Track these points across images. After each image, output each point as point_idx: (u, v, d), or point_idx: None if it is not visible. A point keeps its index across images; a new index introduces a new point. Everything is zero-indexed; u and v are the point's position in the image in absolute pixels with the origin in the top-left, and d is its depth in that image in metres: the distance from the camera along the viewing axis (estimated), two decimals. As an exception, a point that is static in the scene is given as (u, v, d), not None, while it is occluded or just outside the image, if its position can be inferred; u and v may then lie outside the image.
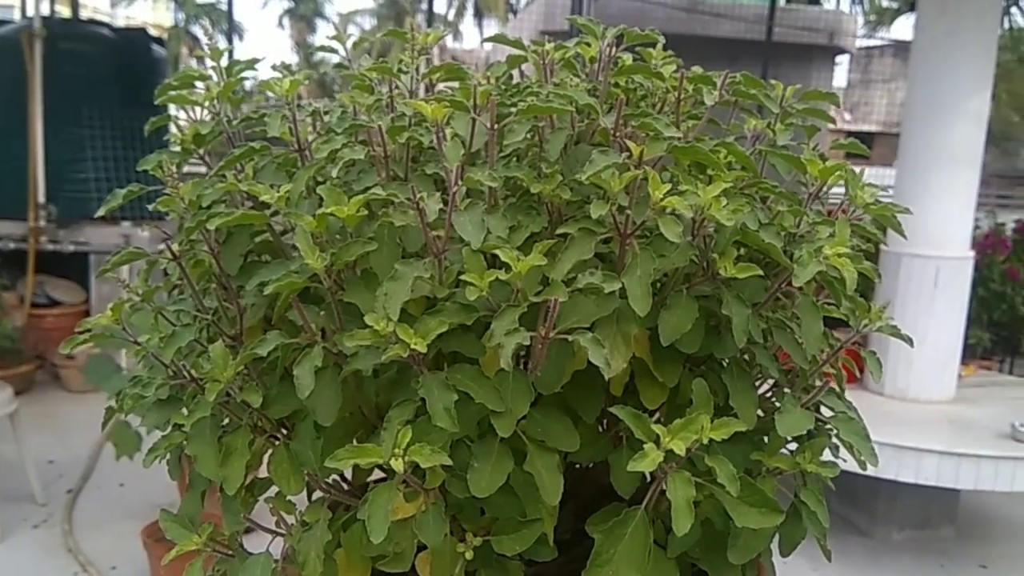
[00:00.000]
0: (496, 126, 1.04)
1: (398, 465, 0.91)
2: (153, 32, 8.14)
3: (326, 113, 1.19)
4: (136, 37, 7.31)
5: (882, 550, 4.18)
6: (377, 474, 1.22)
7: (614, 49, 1.14)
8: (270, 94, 1.19)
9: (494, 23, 32.64)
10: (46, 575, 3.65)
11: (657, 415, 1.13)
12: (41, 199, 6.13)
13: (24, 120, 6.05)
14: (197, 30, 31.73)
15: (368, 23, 34.39)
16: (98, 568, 3.68)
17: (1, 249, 6.13)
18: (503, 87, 1.23)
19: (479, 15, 33.62)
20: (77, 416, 5.51)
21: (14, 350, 5.58)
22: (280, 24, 39.67)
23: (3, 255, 6.04)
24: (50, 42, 6.13)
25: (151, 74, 7.01)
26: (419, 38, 1.16)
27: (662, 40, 1.20)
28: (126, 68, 6.68)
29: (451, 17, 32.40)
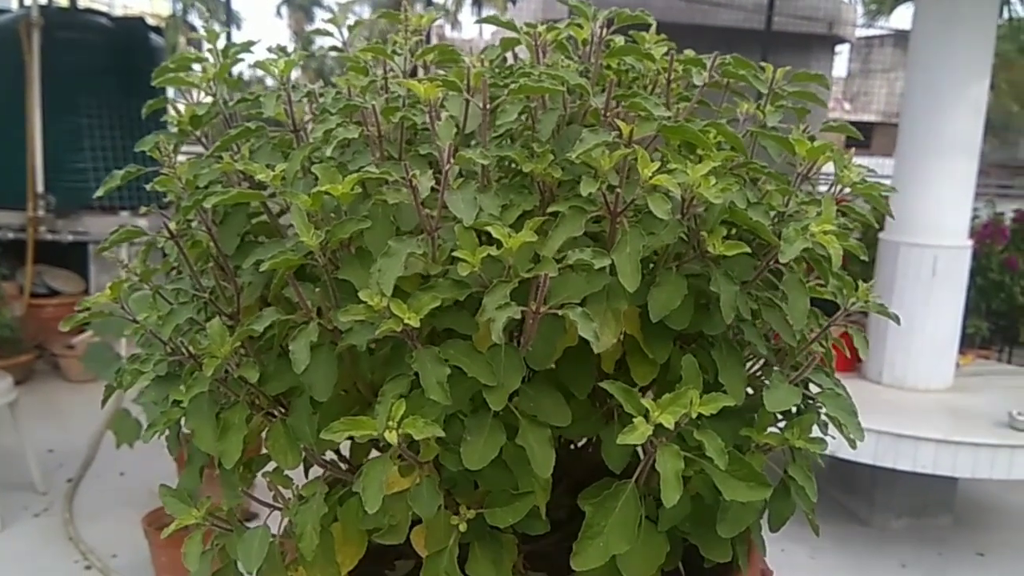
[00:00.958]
0: (489, 107, 1.05)
1: (392, 437, 0.93)
2: (151, 21, 8.12)
3: (321, 95, 1.21)
4: (134, 26, 7.30)
5: (880, 538, 4.20)
6: (375, 454, 1.24)
7: (606, 31, 1.15)
8: (269, 82, 1.20)
9: (493, 12, 32.57)
10: (47, 563, 3.66)
11: (648, 392, 1.15)
12: (40, 189, 6.14)
13: (22, 110, 6.06)
14: (194, 19, 31.64)
15: (367, 12, 34.34)
16: (99, 556, 3.70)
17: (0, 239, 6.14)
18: (496, 70, 1.25)
19: (478, 4, 33.54)
20: (77, 405, 5.53)
21: (13, 339, 5.60)
22: (278, 13, 39.64)
23: (2, 245, 6.06)
24: (48, 31, 6.13)
25: (149, 63, 6.93)
26: (412, 20, 1.17)
27: (654, 23, 1.22)
28: (124, 57, 6.67)
29: (450, 5, 32.34)
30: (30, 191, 6.10)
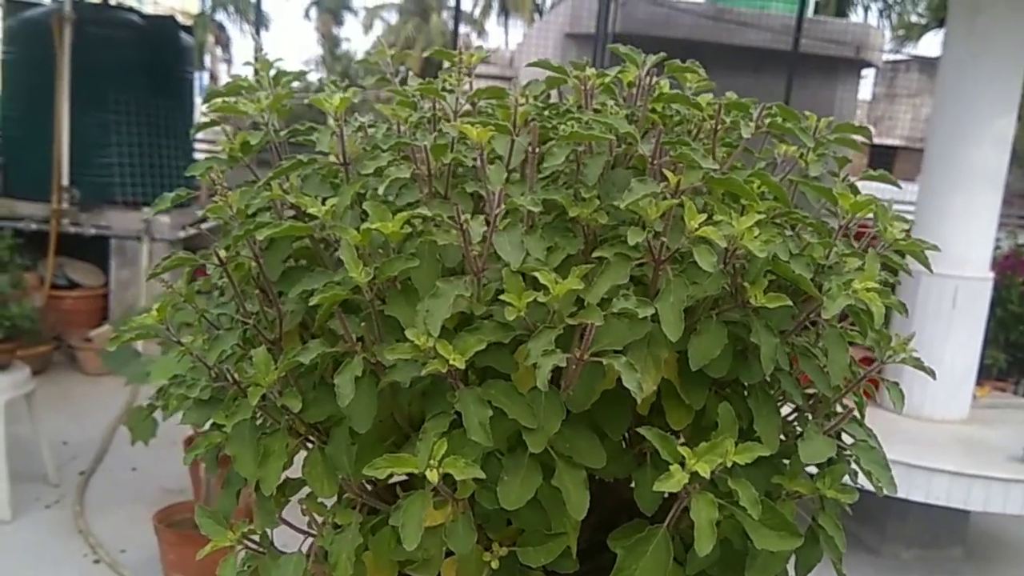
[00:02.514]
0: (537, 149, 1.07)
1: (433, 476, 0.94)
2: (180, 19, 8.18)
3: (371, 127, 1.22)
4: (164, 24, 7.37)
5: (891, 568, 4.19)
6: (398, 477, 1.25)
7: (653, 79, 1.16)
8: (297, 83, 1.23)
9: (519, 23, 32.64)
10: (56, 555, 3.69)
11: (681, 436, 1.16)
12: (65, 182, 6.20)
13: (51, 103, 6.12)
14: (223, 17, 31.84)
15: (394, 18, 34.45)
16: (107, 550, 3.72)
17: (23, 230, 6.20)
18: (540, 105, 1.26)
19: (505, 13, 33.63)
20: (92, 398, 5.58)
21: (33, 330, 5.63)
22: (306, 16, 39.80)
23: (25, 236, 6.11)
24: (79, 26, 6.19)
25: (178, 62, 7.08)
26: (465, 59, 1.19)
27: (702, 72, 1.23)
28: (154, 55, 6.74)
29: (476, 15, 32.46)
30: (55, 184, 6.15)
